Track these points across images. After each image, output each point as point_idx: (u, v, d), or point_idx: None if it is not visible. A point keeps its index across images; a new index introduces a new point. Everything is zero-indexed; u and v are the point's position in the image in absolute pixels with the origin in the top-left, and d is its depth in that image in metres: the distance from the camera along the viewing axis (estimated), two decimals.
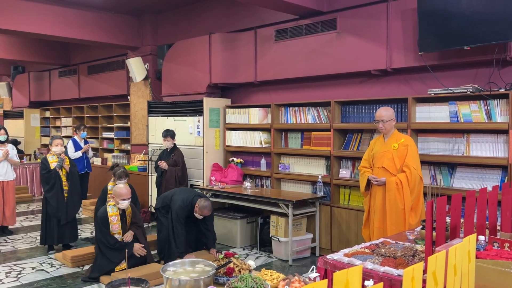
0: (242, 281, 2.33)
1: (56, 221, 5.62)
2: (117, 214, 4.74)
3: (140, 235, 4.86)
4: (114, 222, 4.70)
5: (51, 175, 5.58)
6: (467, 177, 4.50)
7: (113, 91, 9.24)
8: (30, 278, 4.77)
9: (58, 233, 5.65)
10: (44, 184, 5.65)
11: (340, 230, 5.35)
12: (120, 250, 4.60)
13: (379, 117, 4.24)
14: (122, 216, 4.79)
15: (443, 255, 1.58)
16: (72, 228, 5.80)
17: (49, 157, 5.69)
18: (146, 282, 2.19)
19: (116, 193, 4.72)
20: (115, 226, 4.70)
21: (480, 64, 4.53)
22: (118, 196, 4.70)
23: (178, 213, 4.91)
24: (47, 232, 5.66)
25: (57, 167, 5.61)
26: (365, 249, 2.94)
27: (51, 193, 5.57)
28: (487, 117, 4.30)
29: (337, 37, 5.44)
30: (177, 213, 4.91)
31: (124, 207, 4.76)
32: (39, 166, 5.87)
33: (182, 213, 4.92)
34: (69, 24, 7.30)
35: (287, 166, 6.03)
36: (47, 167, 5.61)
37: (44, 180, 5.63)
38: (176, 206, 4.94)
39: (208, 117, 6.57)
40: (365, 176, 4.32)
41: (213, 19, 7.14)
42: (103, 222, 4.66)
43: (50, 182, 5.58)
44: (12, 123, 11.88)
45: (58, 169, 5.61)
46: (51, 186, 5.57)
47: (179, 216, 4.91)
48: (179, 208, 4.91)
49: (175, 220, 4.92)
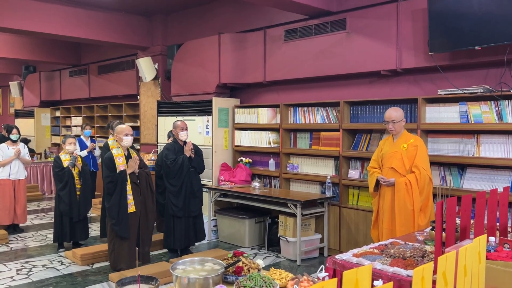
0: (251, 280, 2.33)
1: (69, 219, 5.67)
2: (122, 155, 4.80)
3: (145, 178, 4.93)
4: (120, 163, 4.75)
5: (64, 173, 5.63)
6: (477, 178, 4.47)
7: (123, 91, 9.30)
8: (41, 275, 4.82)
9: (70, 230, 5.71)
10: (58, 182, 5.71)
11: (349, 231, 5.34)
12: (118, 179, 4.68)
13: (388, 118, 4.22)
14: (128, 157, 4.84)
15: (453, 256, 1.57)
16: (83, 226, 5.86)
17: (62, 155, 5.75)
18: (156, 280, 2.20)
19: (118, 130, 4.72)
20: (121, 166, 4.75)
21: (491, 65, 4.50)
22: (120, 132, 4.70)
23: (169, 152, 5.24)
24: (61, 230, 5.71)
25: (70, 165, 5.66)
26: (374, 249, 2.93)
27: (64, 191, 5.62)
28: (498, 118, 4.27)
29: (346, 37, 5.43)
30: (166, 157, 5.22)
31: (129, 143, 4.81)
32: (52, 165, 5.93)
33: (169, 153, 5.24)
34: (80, 24, 7.36)
35: (295, 166, 6.03)
36: (60, 165, 5.66)
37: (58, 178, 5.68)
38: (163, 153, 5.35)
39: (217, 117, 6.59)
40: (374, 177, 4.30)
41: (222, 19, 7.16)
42: (109, 163, 4.70)
43: (64, 180, 5.63)
44: (23, 122, 12.00)
45: (71, 167, 5.67)
46: (64, 184, 5.63)
47: (170, 155, 5.22)
48: (164, 150, 5.33)
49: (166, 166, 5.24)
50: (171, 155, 5.27)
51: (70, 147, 5.77)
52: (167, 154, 5.30)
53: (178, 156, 5.27)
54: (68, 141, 5.77)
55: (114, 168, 4.72)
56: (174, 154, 5.28)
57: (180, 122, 5.40)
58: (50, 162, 9.53)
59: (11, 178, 6.48)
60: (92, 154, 7.91)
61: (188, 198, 5.30)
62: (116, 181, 4.68)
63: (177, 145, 5.38)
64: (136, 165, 4.80)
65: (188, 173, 5.29)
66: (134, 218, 4.80)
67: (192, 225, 5.39)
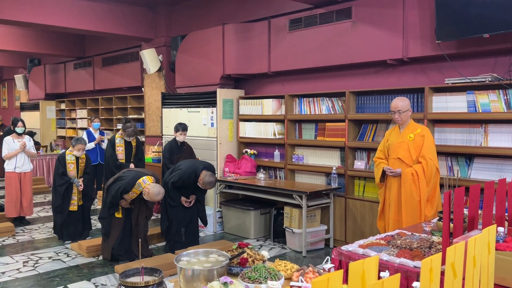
0: (256, 271, 2.31)
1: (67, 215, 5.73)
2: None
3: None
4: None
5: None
6: (485, 168, 4.41)
7: (128, 83, 9.28)
8: (47, 267, 4.83)
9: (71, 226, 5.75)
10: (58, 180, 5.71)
11: (355, 222, 5.31)
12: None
13: (395, 107, 4.17)
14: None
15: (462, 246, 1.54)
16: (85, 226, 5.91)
17: (67, 156, 5.73)
18: (160, 272, 2.18)
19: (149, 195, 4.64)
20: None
21: (499, 53, 4.42)
22: (150, 198, 4.67)
23: (180, 178, 5.04)
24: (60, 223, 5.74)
25: (72, 181, 5.68)
26: (380, 240, 2.90)
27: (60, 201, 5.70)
28: (506, 107, 4.20)
29: (352, 26, 5.36)
30: (180, 177, 5.05)
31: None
32: (55, 163, 5.89)
33: (182, 180, 5.05)
34: (84, 16, 7.33)
35: (301, 158, 5.99)
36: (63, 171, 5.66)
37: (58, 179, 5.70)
38: (180, 171, 5.09)
39: (221, 108, 6.55)
40: (380, 167, 4.26)
41: (226, 9, 7.10)
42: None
43: (62, 189, 5.65)
44: (28, 115, 12.03)
45: (73, 183, 5.69)
46: (62, 195, 5.66)
47: (177, 181, 5.05)
48: (182, 173, 5.06)
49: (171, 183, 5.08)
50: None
51: (78, 153, 5.74)
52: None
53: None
54: (77, 147, 5.70)
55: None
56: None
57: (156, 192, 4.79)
58: (56, 154, 9.54)
59: (17, 171, 6.50)
60: (100, 147, 7.92)
61: None
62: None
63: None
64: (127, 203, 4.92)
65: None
66: (118, 222, 4.96)
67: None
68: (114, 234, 4.95)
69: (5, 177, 6.53)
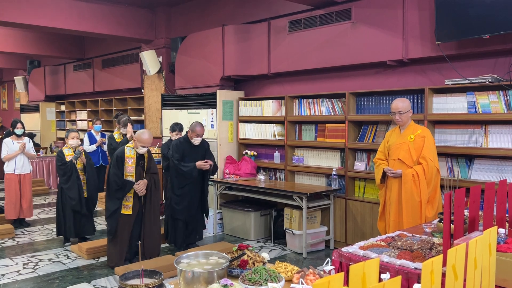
0: (256, 273, 2.31)
1: (72, 213, 5.66)
2: (133, 156, 4.80)
3: (152, 183, 4.92)
4: (129, 164, 4.77)
5: (67, 167, 5.62)
6: (485, 169, 4.41)
7: (127, 85, 9.28)
8: (47, 269, 4.82)
9: (75, 225, 5.70)
10: (60, 176, 5.71)
11: (355, 223, 5.30)
12: (124, 187, 4.72)
13: (395, 108, 4.16)
14: (139, 159, 4.84)
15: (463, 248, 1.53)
16: (89, 221, 5.87)
17: (65, 150, 5.74)
18: (160, 274, 2.17)
19: (138, 137, 4.75)
20: (129, 168, 4.77)
21: (499, 54, 4.41)
22: (139, 141, 4.74)
23: (177, 149, 5.23)
24: (64, 224, 5.72)
25: (73, 159, 5.65)
26: (381, 242, 2.89)
27: (68, 184, 5.61)
28: (506, 108, 4.20)
29: (352, 27, 5.36)
30: (176, 150, 5.23)
31: (142, 152, 4.81)
32: (55, 159, 5.93)
33: (179, 150, 5.23)
34: (84, 18, 7.33)
35: (301, 159, 5.98)
36: (62, 160, 5.65)
37: (61, 171, 5.68)
38: (172, 147, 5.32)
39: (221, 109, 6.55)
40: (380, 168, 4.25)
41: (226, 11, 7.10)
42: (119, 161, 4.74)
43: (66, 174, 5.62)
44: (28, 117, 12.03)
45: (74, 161, 5.65)
46: (67, 177, 5.62)
47: (176, 153, 5.22)
48: (174, 145, 5.28)
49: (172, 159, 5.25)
50: (175, 154, 5.29)
51: (73, 141, 5.73)
52: (172, 153, 5.35)
53: (184, 157, 5.32)
54: (71, 136, 5.74)
55: (122, 168, 4.74)
56: (177, 153, 5.30)
57: (199, 128, 5.28)
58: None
59: (16, 172, 6.49)
60: (102, 149, 7.91)
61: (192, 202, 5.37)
62: (120, 188, 4.71)
63: (186, 145, 5.35)
64: (143, 190, 4.81)
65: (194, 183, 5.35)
66: (127, 219, 4.79)
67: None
68: (124, 236, 4.76)
69: (5, 179, 6.53)
